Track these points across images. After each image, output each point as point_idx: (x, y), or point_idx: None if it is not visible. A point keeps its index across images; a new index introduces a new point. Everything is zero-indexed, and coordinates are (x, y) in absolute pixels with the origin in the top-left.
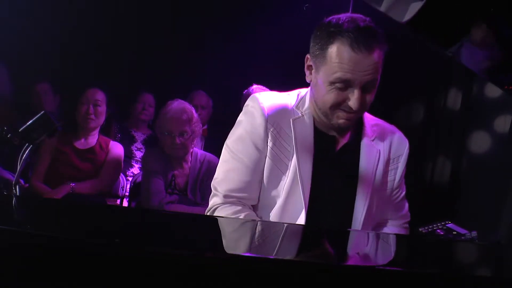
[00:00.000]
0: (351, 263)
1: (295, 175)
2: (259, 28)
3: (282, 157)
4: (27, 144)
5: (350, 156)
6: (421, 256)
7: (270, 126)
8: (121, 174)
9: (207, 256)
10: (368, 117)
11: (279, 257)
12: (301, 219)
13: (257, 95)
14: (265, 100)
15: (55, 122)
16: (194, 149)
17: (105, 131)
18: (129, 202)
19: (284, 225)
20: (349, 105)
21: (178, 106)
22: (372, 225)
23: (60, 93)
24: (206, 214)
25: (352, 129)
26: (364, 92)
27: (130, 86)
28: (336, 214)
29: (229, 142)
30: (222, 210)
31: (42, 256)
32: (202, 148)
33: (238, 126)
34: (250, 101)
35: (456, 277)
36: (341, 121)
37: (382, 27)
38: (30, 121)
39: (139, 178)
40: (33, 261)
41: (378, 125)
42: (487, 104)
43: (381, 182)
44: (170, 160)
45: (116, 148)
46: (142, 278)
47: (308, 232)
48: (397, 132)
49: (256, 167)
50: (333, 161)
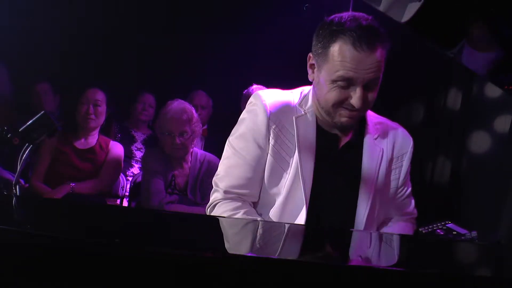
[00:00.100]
0: (351, 263)
1: (297, 173)
2: (259, 28)
3: (284, 155)
4: (27, 144)
5: (353, 154)
6: (421, 256)
7: (272, 124)
8: (121, 174)
9: (207, 256)
10: (371, 115)
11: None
12: (302, 217)
13: (260, 93)
14: (268, 98)
15: (55, 122)
16: (194, 149)
17: (105, 131)
18: (129, 202)
19: (285, 225)
20: (351, 103)
21: (178, 106)
22: (376, 224)
23: (60, 93)
24: (207, 209)
25: (355, 128)
26: (367, 90)
27: (130, 86)
28: (338, 213)
29: (232, 139)
30: (222, 206)
31: (42, 256)
32: (202, 148)
33: (241, 123)
34: (253, 99)
35: (456, 277)
36: (344, 119)
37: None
38: (30, 121)
39: (139, 178)
40: (33, 261)
41: (382, 123)
42: (487, 104)
43: (384, 181)
44: (170, 160)
45: (116, 148)
46: (142, 278)
47: (308, 232)
48: (401, 131)
49: (258, 164)
50: (335, 159)
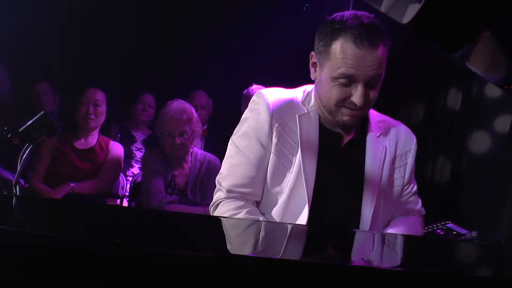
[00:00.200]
0: (350, 264)
1: (299, 171)
2: (259, 28)
3: (287, 153)
4: (27, 144)
5: (356, 153)
6: (421, 256)
7: (275, 122)
8: (121, 174)
9: (207, 256)
10: (374, 114)
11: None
12: (304, 216)
13: (263, 91)
14: (271, 96)
15: (55, 122)
16: (194, 149)
17: (105, 131)
18: (129, 202)
19: (287, 225)
20: (353, 102)
21: (178, 106)
22: (382, 223)
23: (60, 93)
24: (210, 208)
25: (358, 126)
26: (368, 88)
27: (130, 86)
28: (341, 212)
29: (235, 138)
30: (225, 205)
31: (42, 256)
32: (202, 148)
33: (244, 122)
34: (256, 97)
35: (456, 277)
36: (346, 118)
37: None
38: (30, 121)
39: (139, 178)
40: (33, 261)
41: (384, 122)
42: (487, 104)
43: (388, 179)
44: (170, 160)
45: (116, 148)
46: (142, 278)
47: (309, 232)
48: (404, 128)
49: (261, 163)
50: (338, 158)
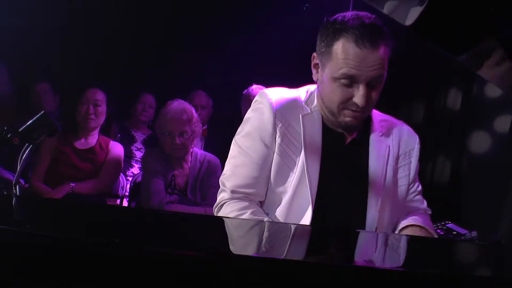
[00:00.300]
0: (350, 264)
1: (303, 172)
2: (259, 28)
3: (290, 153)
4: (27, 144)
5: (359, 152)
6: (421, 256)
7: (279, 122)
8: (121, 174)
9: (207, 256)
10: (376, 113)
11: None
12: (308, 216)
13: (266, 91)
14: (274, 96)
15: (55, 122)
16: (194, 149)
17: (105, 131)
18: (129, 202)
19: (289, 226)
20: (355, 102)
21: (178, 106)
22: (389, 223)
23: (60, 93)
24: (214, 209)
25: (360, 126)
26: (370, 89)
27: (130, 86)
28: (345, 211)
29: (238, 138)
30: (229, 206)
31: (42, 256)
32: (202, 148)
33: (247, 122)
34: (259, 97)
35: (456, 277)
36: (348, 119)
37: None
38: (30, 121)
39: (139, 178)
40: (33, 261)
41: (387, 121)
42: (487, 104)
43: (393, 178)
44: (170, 160)
45: (116, 148)
46: (142, 278)
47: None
48: (406, 128)
49: (264, 163)
50: (341, 157)
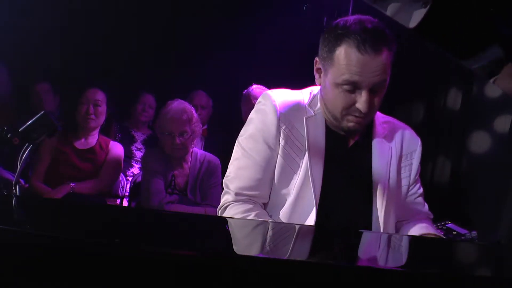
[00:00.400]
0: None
1: (306, 174)
2: (259, 28)
3: (294, 156)
4: (27, 144)
5: (362, 154)
6: (421, 256)
7: (282, 124)
8: (121, 174)
9: (207, 256)
10: (378, 115)
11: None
12: (312, 217)
13: (270, 92)
14: (278, 98)
15: (55, 122)
16: (194, 149)
17: (105, 131)
18: (129, 202)
19: (289, 226)
20: (358, 108)
21: (178, 106)
22: (394, 223)
23: (60, 93)
24: (218, 211)
25: (363, 128)
26: (373, 94)
27: (130, 86)
28: (349, 213)
29: (241, 140)
30: (233, 208)
31: (42, 256)
32: (202, 148)
33: (250, 124)
34: (262, 99)
35: (456, 277)
36: (351, 125)
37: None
38: (30, 121)
39: (139, 178)
40: (33, 261)
41: (389, 123)
42: (487, 104)
43: (396, 179)
44: (170, 160)
45: (116, 148)
46: (142, 278)
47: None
48: (408, 129)
49: (268, 165)
50: (344, 159)
